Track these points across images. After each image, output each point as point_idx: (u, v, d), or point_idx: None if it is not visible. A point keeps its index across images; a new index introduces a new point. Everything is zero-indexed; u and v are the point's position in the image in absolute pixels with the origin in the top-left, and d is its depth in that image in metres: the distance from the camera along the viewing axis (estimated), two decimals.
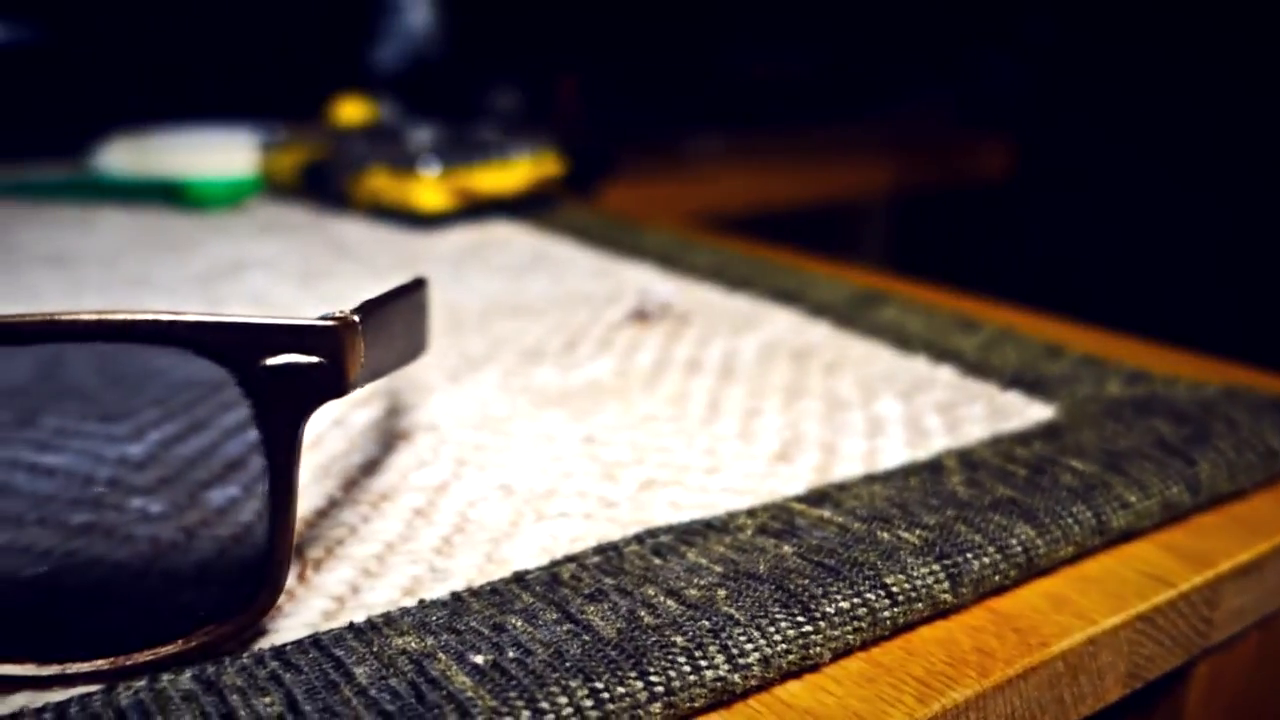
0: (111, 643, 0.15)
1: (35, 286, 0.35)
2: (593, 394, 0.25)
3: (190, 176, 0.49)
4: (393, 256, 0.40)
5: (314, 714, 0.13)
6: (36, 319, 0.13)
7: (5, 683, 0.14)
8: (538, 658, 0.14)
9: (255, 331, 0.14)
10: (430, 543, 0.18)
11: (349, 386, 0.14)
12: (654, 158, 0.86)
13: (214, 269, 0.38)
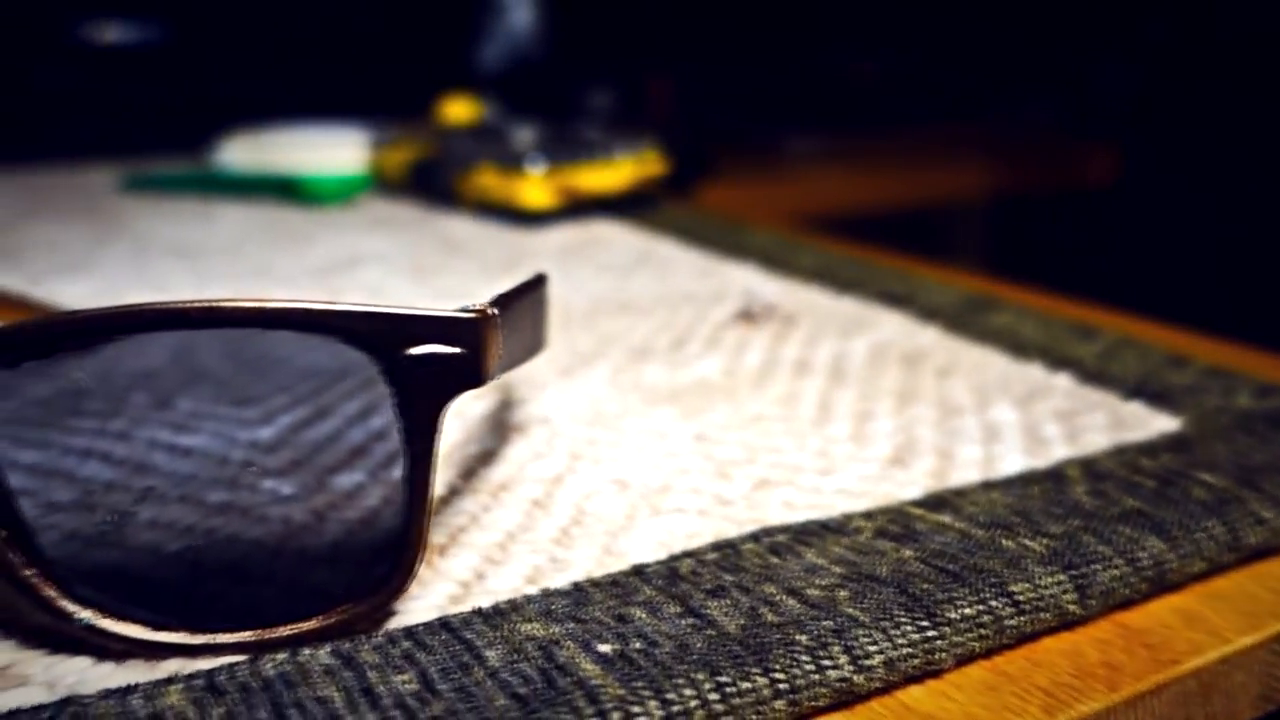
0: (253, 616, 0.16)
1: (163, 276, 0.37)
2: (702, 392, 0.25)
3: (305, 173, 0.51)
4: (500, 253, 0.40)
5: (449, 693, 0.14)
6: (202, 305, 0.14)
7: (159, 649, 0.15)
8: (663, 649, 0.15)
9: (401, 322, 0.14)
10: (549, 533, 0.19)
11: (487, 377, 0.15)
12: (750, 158, 0.86)
13: (330, 262, 0.39)
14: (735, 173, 0.78)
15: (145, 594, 0.16)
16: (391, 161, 0.51)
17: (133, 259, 0.39)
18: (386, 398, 0.24)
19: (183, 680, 0.14)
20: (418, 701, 0.14)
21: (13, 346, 0.13)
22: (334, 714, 0.13)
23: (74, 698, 0.14)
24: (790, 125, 0.96)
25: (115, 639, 0.15)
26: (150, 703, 0.14)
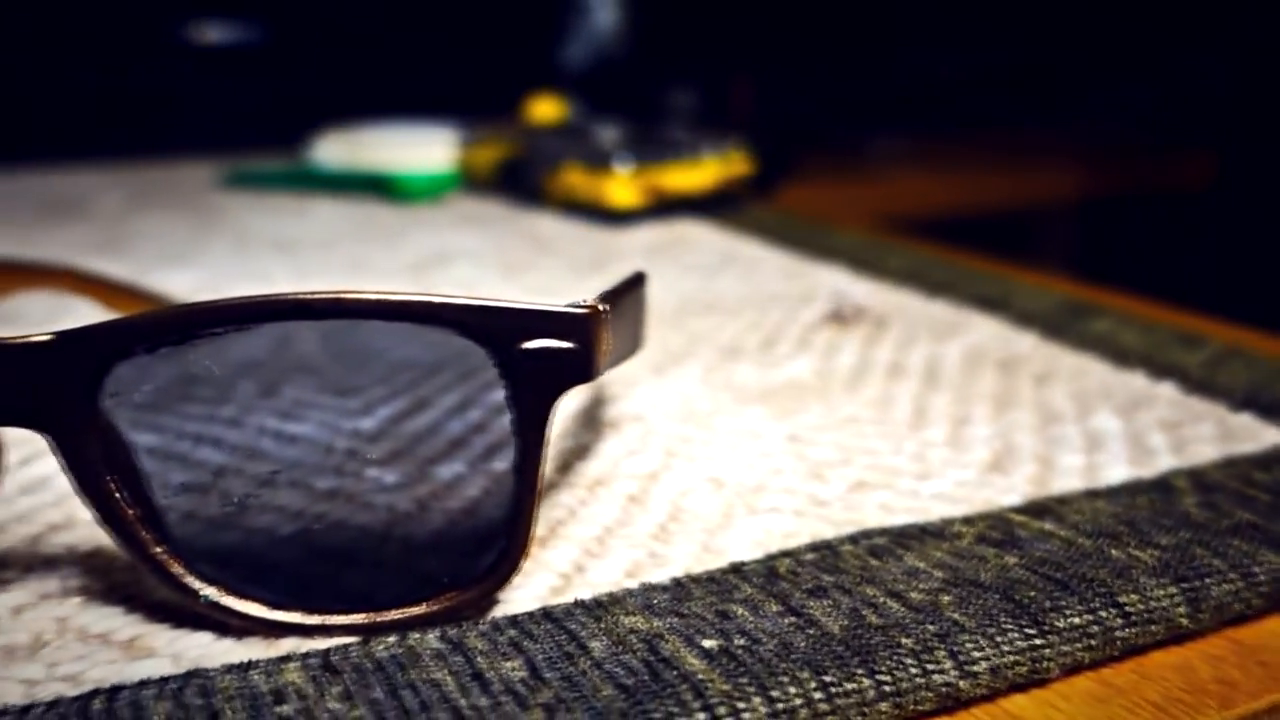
0: (364, 600, 0.16)
1: (265, 269, 0.38)
2: (794, 393, 0.25)
3: (396, 170, 0.52)
4: (587, 252, 0.41)
5: (556, 681, 0.14)
6: (327, 296, 0.14)
7: (276, 627, 0.15)
8: (765, 647, 0.15)
9: (517, 316, 0.14)
10: (647, 529, 0.19)
11: (597, 372, 0.15)
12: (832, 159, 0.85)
13: (422, 258, 0.40)
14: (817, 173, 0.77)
15: (261, 574, 0.16)
16: (480, 160, 0.52)
17: (234, 251, 0.40)
18: (483, 391, 0.25)
19: (299, 659, 0.15)
20: (526, 688, 0.14)
21: (156, 332, 0.14)
22: (446, 696, 0.14)
23: (198, 671, 0.14)
24: (873, 126, 0.95)
25: (235, 616, 0.15)
26: (270, 679, 0.14)
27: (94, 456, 0.14)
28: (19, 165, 0.60)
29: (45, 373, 0.14)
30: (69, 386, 0.14)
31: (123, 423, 0.15)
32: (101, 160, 0.61)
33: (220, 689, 0.14)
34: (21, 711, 0.14)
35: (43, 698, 0.14)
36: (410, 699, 0.14)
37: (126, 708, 0.14)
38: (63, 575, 0.17)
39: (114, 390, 0.15)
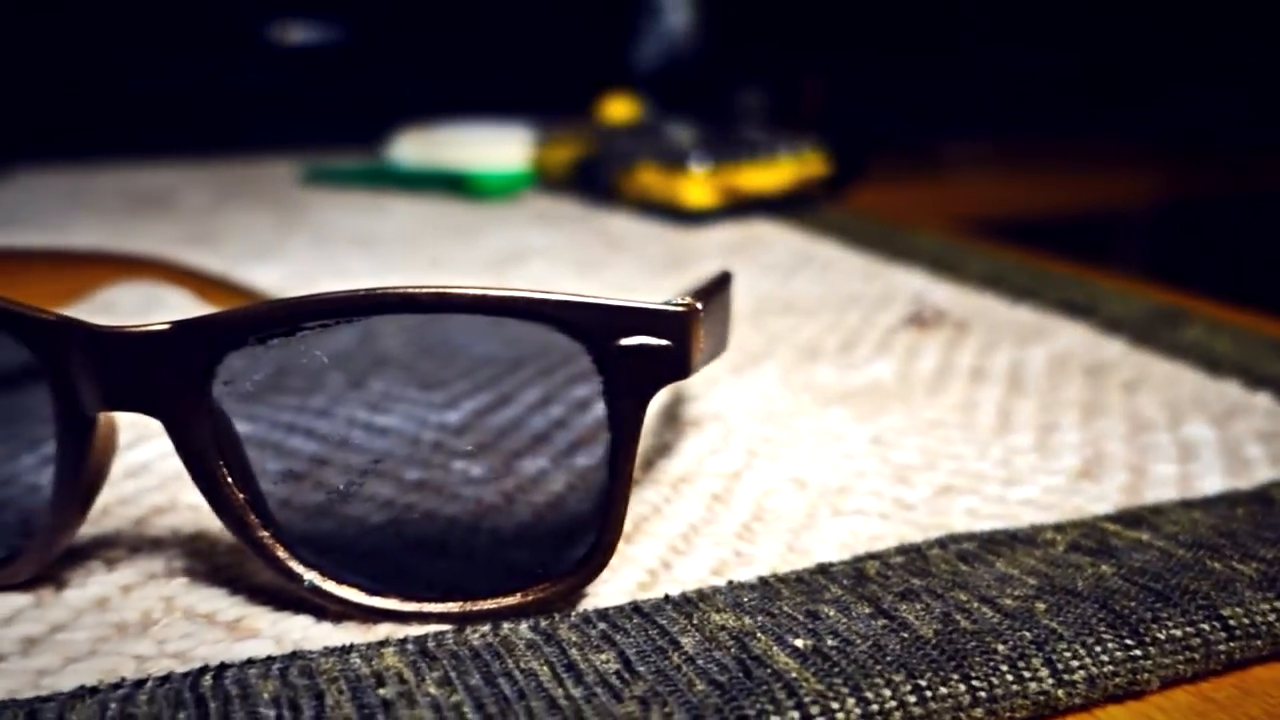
0: (457, 589, 0.16)
1: (347, 265, 0.39)
2: (875, 395, 0.25)
3: (472, 169, 0.52)
4: (661, 251, 0.41)
5: (649, 675, 0.14)
6: (432, 291, 0.14)
7: (373, 613, 0.16)
8: (858, 648, 0.15)
9: (614, 313, 0.15)
10: (731, 527, 0.19)
11: (692, 370, 0.15)
12: (905, 160, 0.84)
13: (499, 255, 0.40)
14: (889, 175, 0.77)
15: (357, 561, 0.17)
16: (554, 159, 0.53)
17: (316, 247, 0.41)
18: (565, 387, 0.25)
19: (395, 644, 0.15)
20: (620, 680, 0.14)
21: (268, 323, 0.14)
22: (542, 686, 0.14)
23: (300, 652, 0.15)
24: (947, 128, 0.94)
25: (334, 601, 0.16)
26: (369, 662, 0.15)
27: (205, 442, 0.15)
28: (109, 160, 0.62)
29: (162, 360, 0.15)
30: (184, 374, 0.15)
31: (231, 410, 0.15)
32: (187, 156, 0.63)
33: (322, 671, 0.14)
34: (135, 685, 0.14)
35: (154, 673, 0.14)
36: (507, 687, 0.14)
37: (234, 685, 0.14)
38: (167, 556, 0.18)
39: (225, 379, 0.15)
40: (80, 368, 0.15)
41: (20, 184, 0.56)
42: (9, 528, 0.18)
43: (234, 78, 0.68)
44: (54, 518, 0.16)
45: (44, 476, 0.19)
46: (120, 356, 0.15)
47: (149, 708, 0.14)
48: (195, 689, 0.14)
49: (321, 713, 0.13)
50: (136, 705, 0.14)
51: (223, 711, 0.13)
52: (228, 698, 0.14)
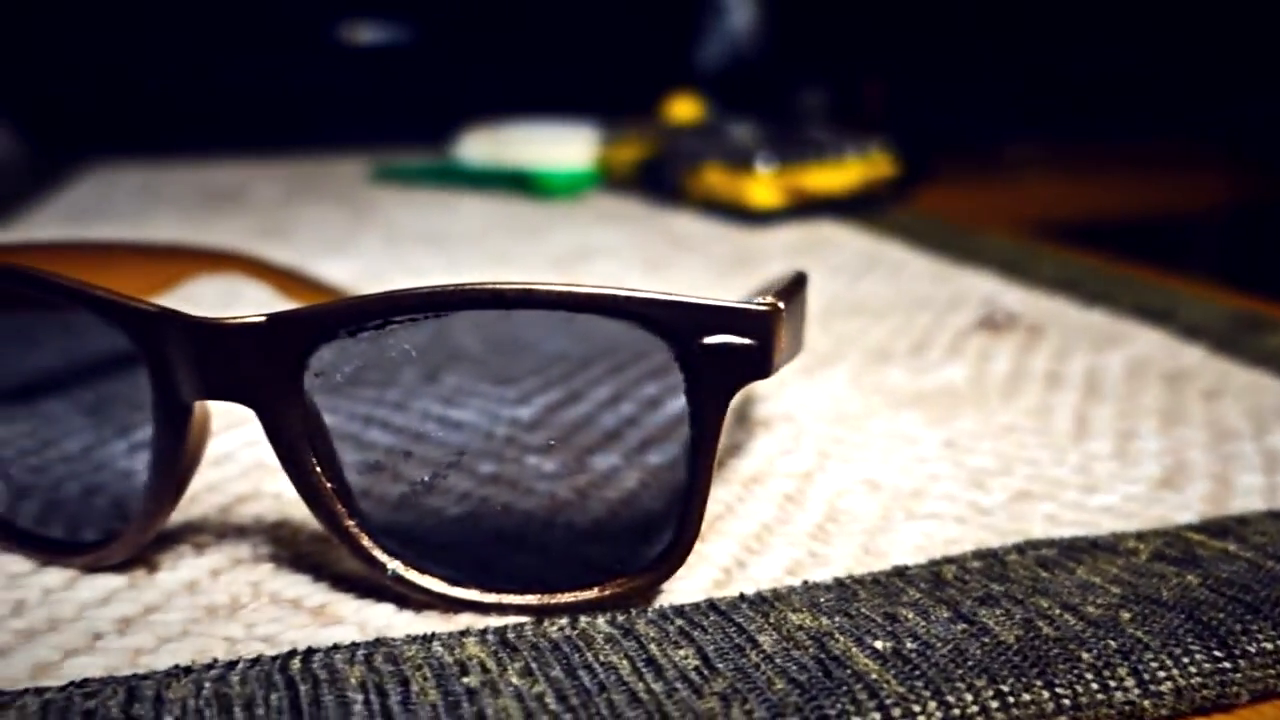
0: (535, 582, 0.17)
1: (417, 262, 0.39)
2: (948, 399, 0.25)
3: (538, 168, 0.53)
4: (727, 251, 0.41)
5: (729, 672, 0.14)
6: (520, 287, 0.15)
7: (454, 603, 0.16)
8: (938, 652, 0.15)
9: (698, 311, 0.15)
10: (805, 528, 0.19)
11: (773, 369, 0.15)
12: (968, 162, 0.83)
13: (565, 253, 0.40)
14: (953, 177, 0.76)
15: (437, 551, 0.17)
16: (619, 158, 0.53)
17: (387, 243, 0.42)
18: (636, 386, 0.25)
19: (476, 634, 0.15)
20: (699, 676, 0.14)
21: (360, 317, 0.15)
22: (622, 679, 0.14)
23: (384, 639, 0.15)
24: (1011, 129, 0.93)
25: (417, 590, 0.16)
26: (451, 651, 0.15)
27: (296, 432, 0.15)
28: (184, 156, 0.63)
29: (257, 352, 0.15)
30: (278, 365, 0.15)
31: (320, 401, 0.16)
32: (258, 153, 0.65)
33: (406, 658, 0.15)
34: (227, 666, 0.14)
35: (244, 655, 0.15)
36: (587, 679, 0.14)
37: (322, 669, 0.14)
38: (253, 543, 0.18)
39: (317, 370, 0.15)
40: (179, 358, 0.15)
41: (97, 178, 0.58)
42: (104, 511, 0.18)
43: (305, 76, 0.69)
44: (149, 503, 0.16)
45: (136, 462, 0.19)
46: (218, 347, 0.15)
47: (242, 688, 0.14)
48: (285, 671, 0.14)
49: (408, 699, 0.14)
50: (230, 685, 0.14)
51: (313, 694, 0.14)
52: (316, 681, 0.14)
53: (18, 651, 0.15)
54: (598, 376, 0.26)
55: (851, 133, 0.50)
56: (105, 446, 0.20)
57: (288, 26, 0.70)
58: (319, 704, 0.14)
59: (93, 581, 0.17)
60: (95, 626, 0.16)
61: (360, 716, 0.13)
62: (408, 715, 0.13)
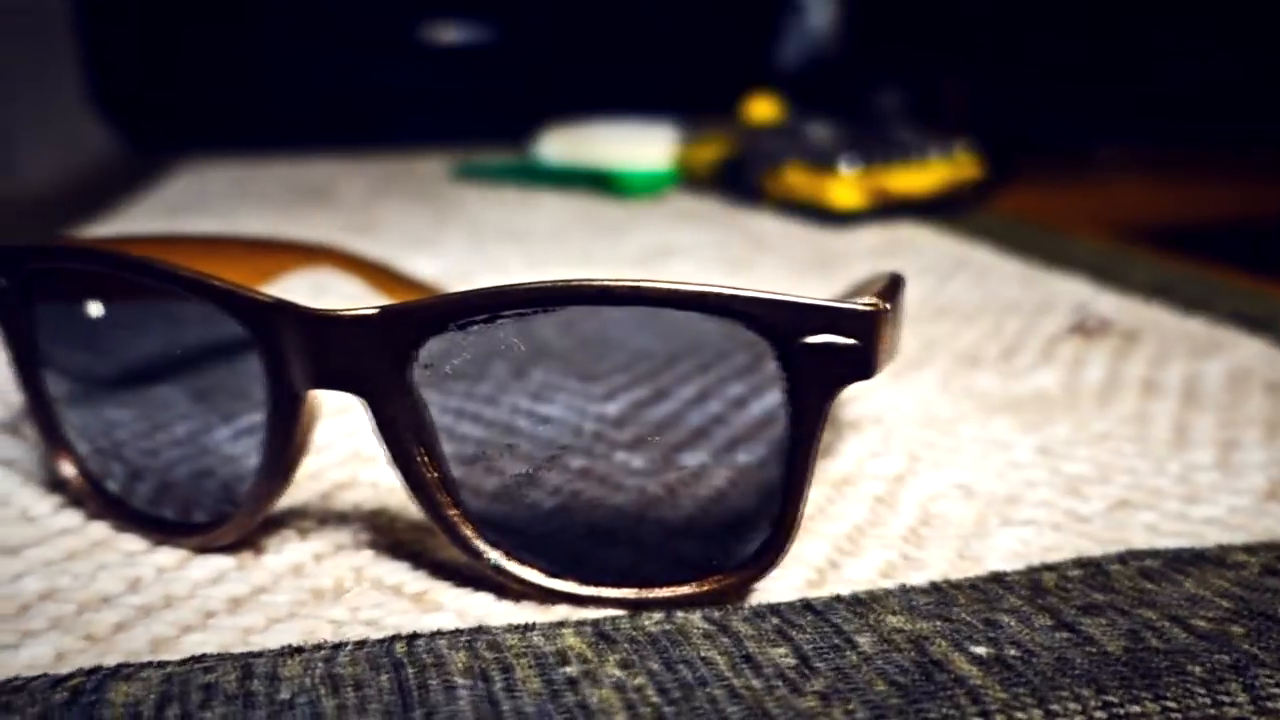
0: (630, 576, 0.17)
1: (500, 258, 0.40)
2: (1041, 405, 0.25)
3: (617, 167, 0.53)
4: (808, 252, 0.41)
5: (827, 672, 0.14)
6: (628, 284, 0.15)
7: (551, 594, 0.16)
8: (1041, 659, 0.14)
9: (803, 310, 0.15)
10: (898, 531, 0.19)
11: (876, 370, 0.15)
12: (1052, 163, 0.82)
13: (645, 252, 0.41)
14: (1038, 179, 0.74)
15: (534, 543, 0.17)
16: (698, 158, 0.53)
17: (470, 240, 0.43)
18: (722, 384, 0.25)
19: (573, 625, 0.16)
20: (798, 675, 0.14)
21: (469, 311, 0.15)
22: (720, 675, 0.14)
23: (484, 627, 0.15)
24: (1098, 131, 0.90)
25: (515, 580, 0.16)
26: (550, 641, 0.15)
27: (403, 423, 0.16)
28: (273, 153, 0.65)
29: (368, 343, 0.15)
30: (387, 357, 0.15)
31: (425, 393, 0.16)
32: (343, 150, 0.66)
33: (508, 646, 0.15)
34: (335, 647, 0.15)
35: (350, 637, 0.15)
36: (686, 673, 0.14)
37: (426, 654, 0.15)
38: (353, 529, 0.19)
39: (424, 363, 0.16)
40: (292, 347, 0.16)
41: (191, 174, 0.60)
42: (212, 495, 0.19)
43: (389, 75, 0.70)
44: (259, 487, 0.17)
45: (242, 447, 0.20)
46: (330, 338, 0.15)
47: (351, 669, 0.14)
48: (390, 654, 0.15)
49: (511, 686, 0.14)
50: (339, 665, 0.14)
51: (420, 678, 0.14)
52: (422, 665, 0.14)
53: (137, 626, 0.16)
54: (685, 374, 0.26)
55: (935, 134, 0.50)
56: (212, 432, 0.20)
57: (373, 27, 0.71)
58: (426, 687, 0.14)
59: (203, 562, 0.18)
60: (207, 605, 0.16)
61: (466, 701, 0.14)
62: (512, 701, 0.14)
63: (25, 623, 0.16)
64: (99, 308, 0.21)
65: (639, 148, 0.55)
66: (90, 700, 0.14)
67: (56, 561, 0.18)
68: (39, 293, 0.19)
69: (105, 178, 0.60)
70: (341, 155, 0.65)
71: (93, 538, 0.18)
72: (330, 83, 0.71)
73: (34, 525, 0.19)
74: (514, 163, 0.58)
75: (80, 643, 0.15)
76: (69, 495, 0.20)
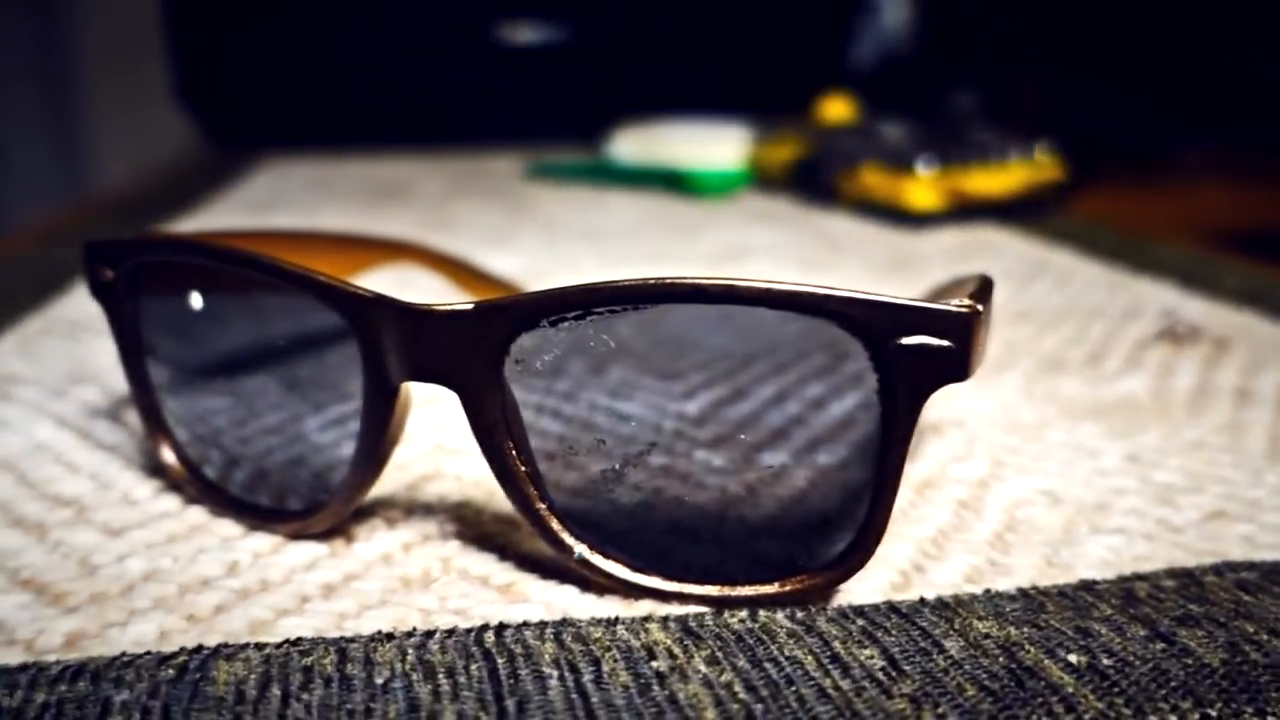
0: (713, 573, 0.17)
1: (574, 257, 0.40)
2: (1129, 412, 0.24)
3: (690, 167, 0.53)
4: (884, 253, 0.40)
5: (916, 675, 0.14)
6: (721, 282, 0.15)
7: (635, 589, 0.16)
8: (1137, 670, 0.14)
9: (898, 311, 0.15)
10: (983, 536, 0.19)
11: (970, 373, 0.15)
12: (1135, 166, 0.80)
13: (719, 252, 0.41)
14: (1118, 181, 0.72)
15: (618, 538, 0.17)
16: (771, 158, 0.53)
17: (545, 238, 0.43)
18: (800, 385, 0.25)
19: (659, 621, 0.16)
20: (886, 677, 0.14)
21: (563, 307, 0.15)
22: (808, 674, 0.14)
23: (569, 620, 0.16)
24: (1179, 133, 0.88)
25: (600, 574, 0.17)
26: (636, 636, 0.15)
27: (496, 416, 0.16)
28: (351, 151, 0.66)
29: (463, 338, 0.16)
30: (481, 351, 0.16)
31: (516, 387, 0.16)
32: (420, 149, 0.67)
33: (594, 639, 0.15)
34: (426, 635, 0.15)
35: (440, 626, 0.16)
36: (774, 671, 0.14)
37: (516, 644, 0.15)
38: (439, 520, 0.19)
39: (517, 357, 0.16)
40: (389, 340, 0.16)
41: (272, 171, 0.61)
42: (305, 483, 0.19)
43: (464, 75, 0.71)
44: (354, 476, 0.17)
45: (331, 437, 0.20)
46: (426, 332, 0.16)
47: (443, 656, 0.15)
48: (480, 643, 0.15)
49: (600, 678, 0.14)
50: (430, 652, 0.15)
51: (509, 667, 0.14)
52: (512, 655, 0.15)
53: (236, 608, 0.16)
54: (761, 374, 0.26)
55: (1015, 135, 0.49)
56: (304, 421, 0.21)
57: (449, 27, 0.72)
58: (516, 677, 0.14)
59: (296, 548, 0.18)
60: (302, 590, 0.17)
61: (556, 691, 0.14)
62: (601, 694, 0.14)
63: (131, 601, 0.16)
64: (196, 299, 0.22)
65: (712, 147, 0.55)
66: (196, 678, 0.14)
67: (158, 544, 0.18)
68: (143, 285, 0.20)
69: (189, 173, 0.62)
70: (417, 153, 0.66)
71: (191, 522, 0.19)
72: (407, 82, 0.72)
73: (136, 508, 0.19)
74: (587, 162, 0.59)
75: (182, 622, 0.16)
76: (168, 480, 0.20)
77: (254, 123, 0.74)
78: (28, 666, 0.14)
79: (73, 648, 0.15)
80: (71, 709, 0.13)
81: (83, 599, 0.16)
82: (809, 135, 0.51)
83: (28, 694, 0.14)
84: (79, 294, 0.34)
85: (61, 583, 0.17)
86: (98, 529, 0.19)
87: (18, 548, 0.18)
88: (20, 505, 0.19)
